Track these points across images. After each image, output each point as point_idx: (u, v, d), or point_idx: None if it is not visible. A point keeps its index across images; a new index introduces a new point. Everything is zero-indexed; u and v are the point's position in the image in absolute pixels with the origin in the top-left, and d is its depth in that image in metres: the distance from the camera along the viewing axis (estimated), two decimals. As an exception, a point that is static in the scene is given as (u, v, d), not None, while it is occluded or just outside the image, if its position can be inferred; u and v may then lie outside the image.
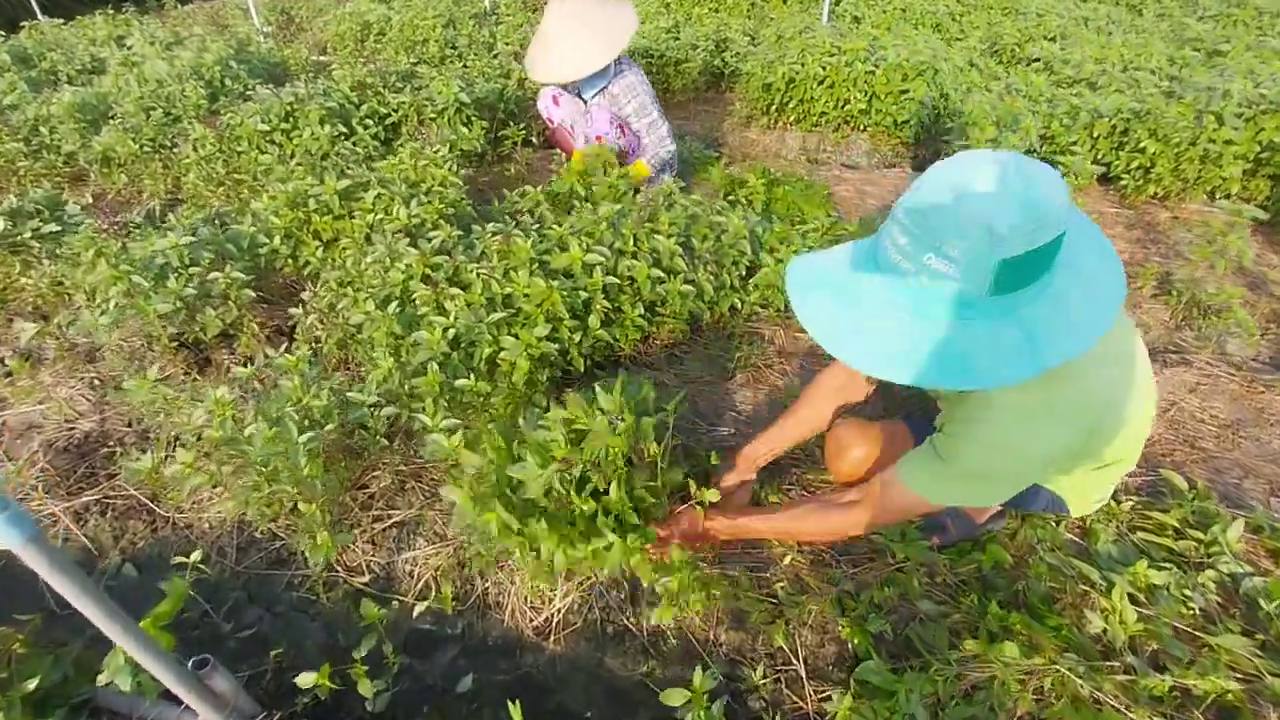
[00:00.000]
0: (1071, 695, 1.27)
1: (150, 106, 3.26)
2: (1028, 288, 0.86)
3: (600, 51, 2.43)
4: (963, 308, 0.86)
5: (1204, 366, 2.15)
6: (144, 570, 1.65)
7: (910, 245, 0.87)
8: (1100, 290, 0.91)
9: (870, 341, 0.91)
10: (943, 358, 0.86)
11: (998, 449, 1.01)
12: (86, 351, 2.21)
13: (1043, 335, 0.86)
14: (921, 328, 0.88)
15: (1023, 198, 0.81)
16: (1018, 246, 0.81)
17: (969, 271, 0.84)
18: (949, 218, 0.83)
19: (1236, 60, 3.74)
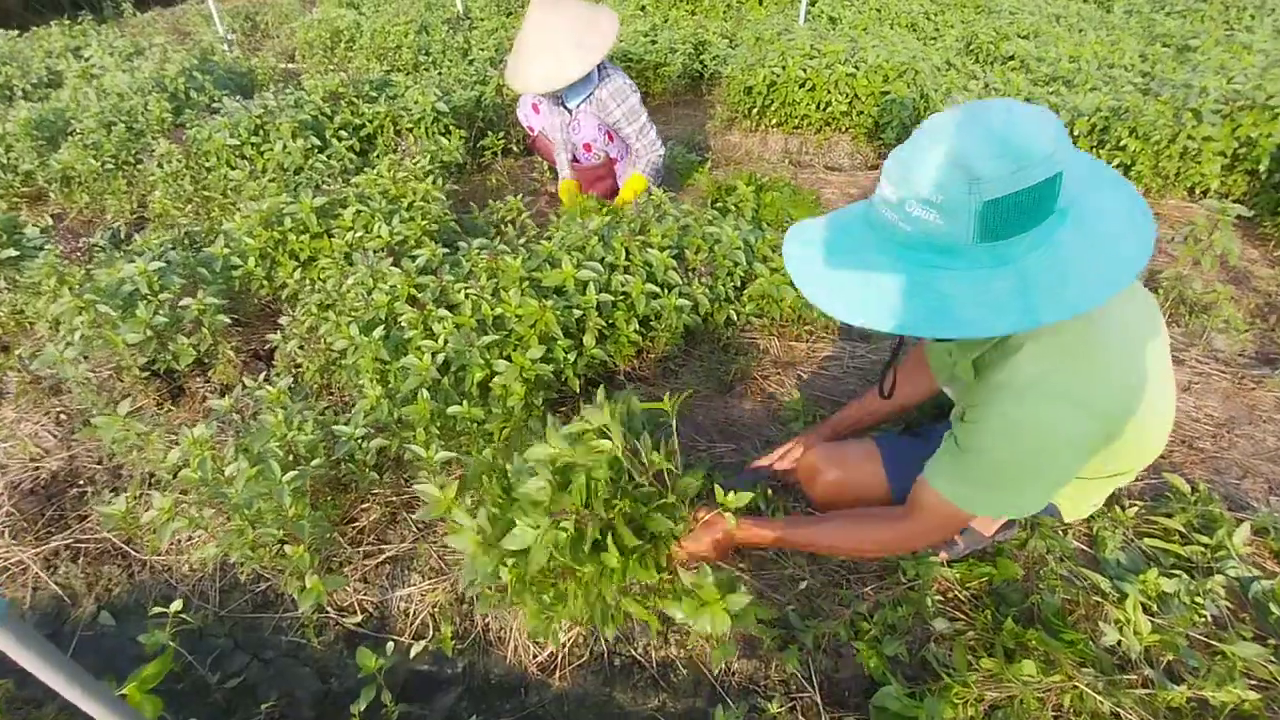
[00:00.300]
0: (1091, 712, 1.25)
1: (111, 121, 3.13)
2: (1023, 234, 0.82)
3: (581, 60, 2.36)
4: (948, 255, 0.84)
5: (1195, 365, 2.16)
6: (121, 618, 1.56)
7: (895, 195, 0.85)
8: (1117, 245, 0.86)
9: (853, 291, 0.90)
10: (927, 306, 0.84)
11: (1022, 431, 0.95)
12: (51, 384, 2.10)
13: (1040, 286, 0.82)
14: (907, 276, 0.87)
15: (1002, 137, 0.78)
16: (1000, 188, 0.78)
17: (951, 216, 0.81)
18: (928, 162, 0.81)
19: (1207, 55, 3.80)
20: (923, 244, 0.85)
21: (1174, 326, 2.35)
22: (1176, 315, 2.37)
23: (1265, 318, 2.38)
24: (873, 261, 0.90)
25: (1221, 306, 2.21)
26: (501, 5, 5.40)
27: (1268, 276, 2.57)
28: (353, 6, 5.59)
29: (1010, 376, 0.93)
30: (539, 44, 2.37)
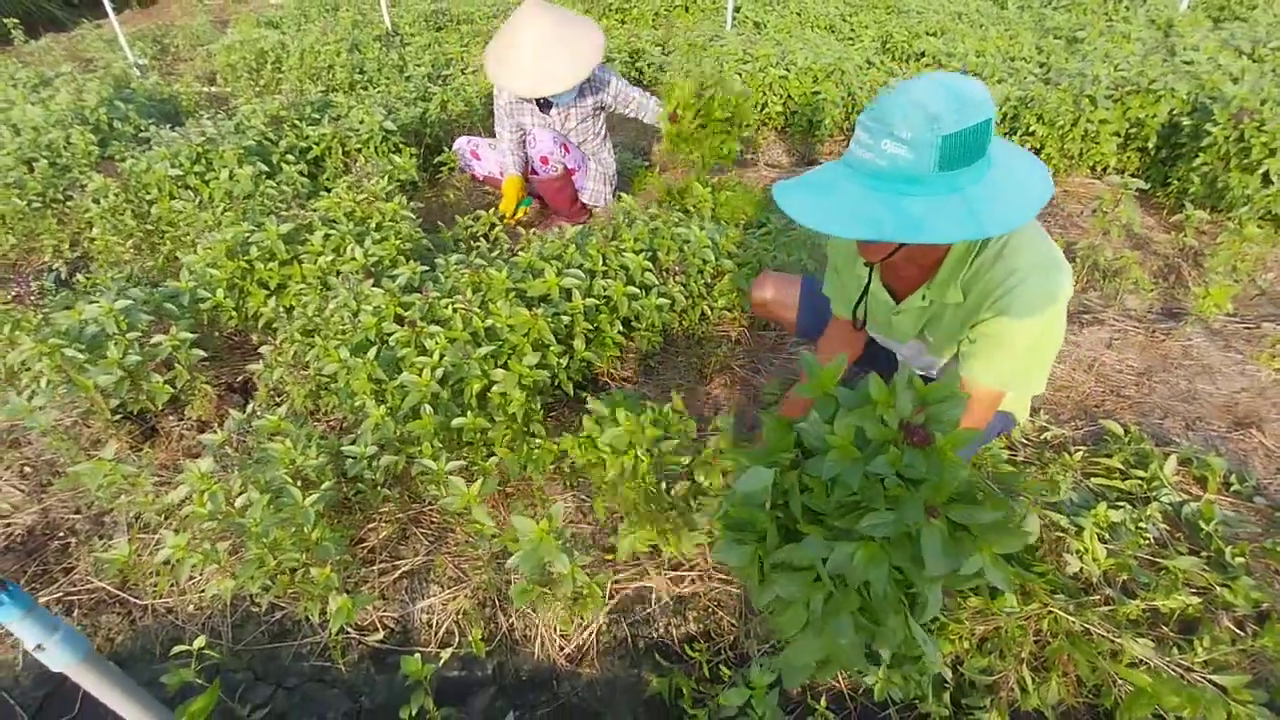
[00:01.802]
0: (1065, 631, 1.42)
1: (32, 157, 2.96)
2: (968, 167, 1.05)
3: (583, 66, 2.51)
4: (915, 183, 1.05)
5: (1113, 323, 2.42)
6: (128, 666, 1.52)
7: (869, 137, 1.06)
8: (1028, 183, 1.11)
9: (841, 213, 1.10)
10: (901, 219, 1.05)
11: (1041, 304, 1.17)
12: (9, 437, 2.00)
13: (983, 209, 1.05)
14: (883, 199, 1.07)
15: (949, 86, 1.02)
16: (952, 124, 1.00)
17: (918, 150, 1.02)
18: (896, 106, 1.03)
19: (1093, 45, 4.21)
20: (894, 175, 1.06)
21: (1091, 291, 2.62)
22: (1092, 281, 2.64)
23: (1165, 277, 2.68)
24: (853, 192, 1.10)
25: (1130, 270, 2.49)
26: (430, 21, 5.36)
27: (1165, 241, 2.90)
28: (273, 26, 5.42)
29: (1010, 268, 1.18)
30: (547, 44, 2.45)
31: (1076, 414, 2.03)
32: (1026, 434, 1.92)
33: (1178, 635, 1.42)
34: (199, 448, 1.92)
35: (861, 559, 0.82)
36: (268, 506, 1.37)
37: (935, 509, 0.80)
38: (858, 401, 0.87)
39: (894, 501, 0.81)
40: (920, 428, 0.82)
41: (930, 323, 1.39)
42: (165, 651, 1.49)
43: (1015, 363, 1.24)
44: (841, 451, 0.82)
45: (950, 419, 0.82)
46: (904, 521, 0.79)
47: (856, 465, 0.81)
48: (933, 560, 0.77)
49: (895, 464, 0.80)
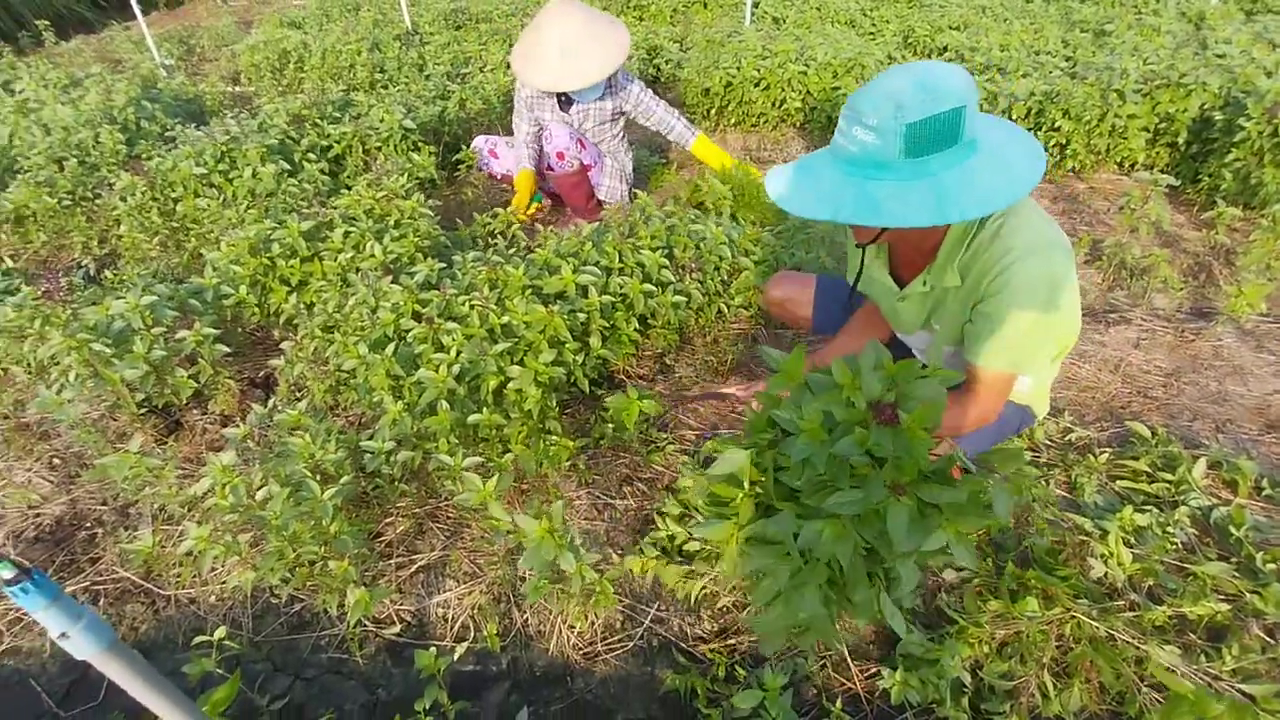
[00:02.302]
0: (1089, 637, 1.39)
1: (62, 156, 3.03)
2: (938, 153, 1.06)
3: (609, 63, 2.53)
4: (883, 169, 1.08)
5: (1140, 322, 2.37)
6: (151, 655, 1.55)
7: (845, 125, 1.11)
8: (1013, 173, 1.11)
9: (809, 195, 1.15)
10: (860, 201, 1.09)
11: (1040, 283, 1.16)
12: (39, 430, 2.05)
13: (952, 195, 1.06)
14: (854, 183, 1.11)
15: (920, 78, 1.04)
16: (918, 113, 1.02)
17: (884, 136, 1.05)
18: (867, 96, 1.07)
19: (1121, 39, 4.11)
20: (864, 160, 1.09)
21: (1117, 289, 2.56)
22: (1119, 279, 2.58)
23: (1196, 276, 2.62)
24: (826, 176, 1.15)
25: (1159, 268, 2.43)
26: (450, 19, 5.39)
27: (1195, 238, 2.82)
28: (295, 26, 5.50)
29: (1005, 248, 1.17)
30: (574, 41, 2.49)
31: (1102, 415, 1.99)
32: (1050, 435, 1.88)
33: (1205, 643, 1.39)
34: (222, 441, 1.95)
35: (829, 535, 0.87)
36: (288, 500, 1.39)
37: (901, 487, 0.83)
38: (825, 386, 0.91)
39: (862, 480, 0.85)
40: (889, 406, 0.84)
41: (935, 311, 1.38)
42: (188, 641, 1.52)
43: (1017, 343, 1.23)
44: (810, 434, 0.86)
45: (921, 397, 0.84)
46: (870, 499, 0.83)
47: (824, 448, 0.85)
48: (899, 536, 0.81)
49: (862, 444, 0.83)
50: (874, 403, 0.85)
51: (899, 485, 0.83)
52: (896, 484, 0.83)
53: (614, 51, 2.56)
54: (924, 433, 0.83)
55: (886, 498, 0.82)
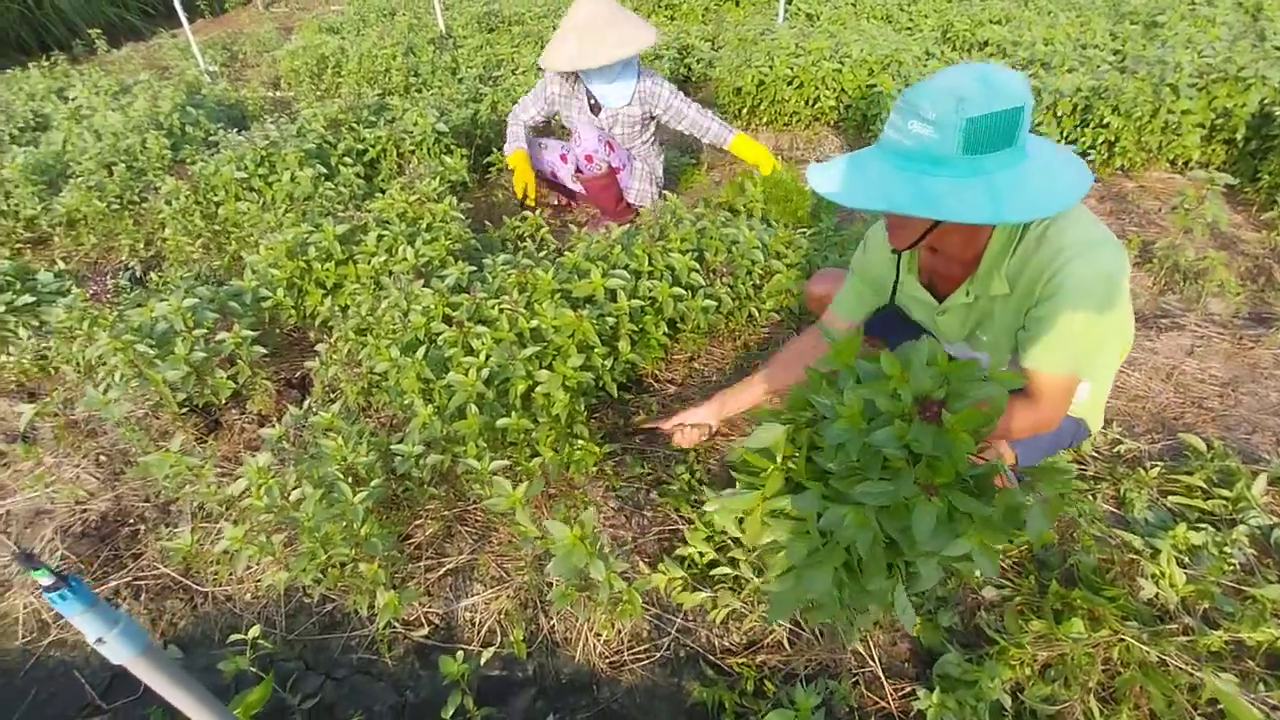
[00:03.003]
0: (1139, 661, 1.33)
1: (111, 161, 3.14)
2: (995, 153, 1.04)
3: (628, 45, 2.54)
4: (939, 164, 1.06)
5: (1195, 329, 2.26)
6: (189, 651, 1.59)
7: (899, 119, 1.08)
8: (1060, 180, 1.10)
9: (860, 187, 1.12)
10: (918, 194, 1.06)
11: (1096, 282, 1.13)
12: (88, 427, 2.12)
13: (1005, 195, 1.05)
14: (907, 177, 1.08)
15: (982, 74, 1.03)
16: (980, 108, 1.01)
17: (943, 131, 1.03)
18: (927, 88, 1.05)
19: (1174, 30, 3.94)
20: (919, 155, 1.07)
21: (1170, 293, 2.45)
22: (1171, 282, 2.47)
23: (1255, 279, 2.49)
24: (875, 169, 1.12)
25: (1215, 271, 2.32)
26: (483, 22, 5.44)
27: (1254, 240, 2.68)
28: (333, 32, 5.61)
29: (1056, 249, 1.15)
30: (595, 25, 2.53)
31: (1153, 427, 1.90)
32: (1097, 447, 1.81)
33: (1264, 670, 1.31)
34: (259, 441, 1.99)
35: (852, 522, 0.86)
36: (320, 501, 1.41)
37: (934, 487, 0.82)
38: (872, 374, 0.89)
39: (894, 474, 0.84)
40: (935, 403, 0.82)
41: (981, 323, 1.33)
42: (224, 638, 1.55)
43: (1076, 344, 1.18)
44: (848, 420, 0.86)
45: (973, 398, 0.82)
46: (898, 494, 0.82)
47: (860, 435, 0.84)
48: (922, 536, 0.80)
49: (900, 437, 0.81)
50: (921, 398, 0.83)
51: (931, 485, 0.82)
52: (929, 484, 0.82)
53: (630, 39, 2.56)
54: (968, 436, 0.80)
55: (916, 495, 0.81)
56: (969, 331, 1.37)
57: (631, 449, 1.90)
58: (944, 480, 0.82)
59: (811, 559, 0.93)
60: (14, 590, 1.70)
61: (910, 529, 0.81)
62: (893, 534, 0.85)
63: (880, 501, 0.83)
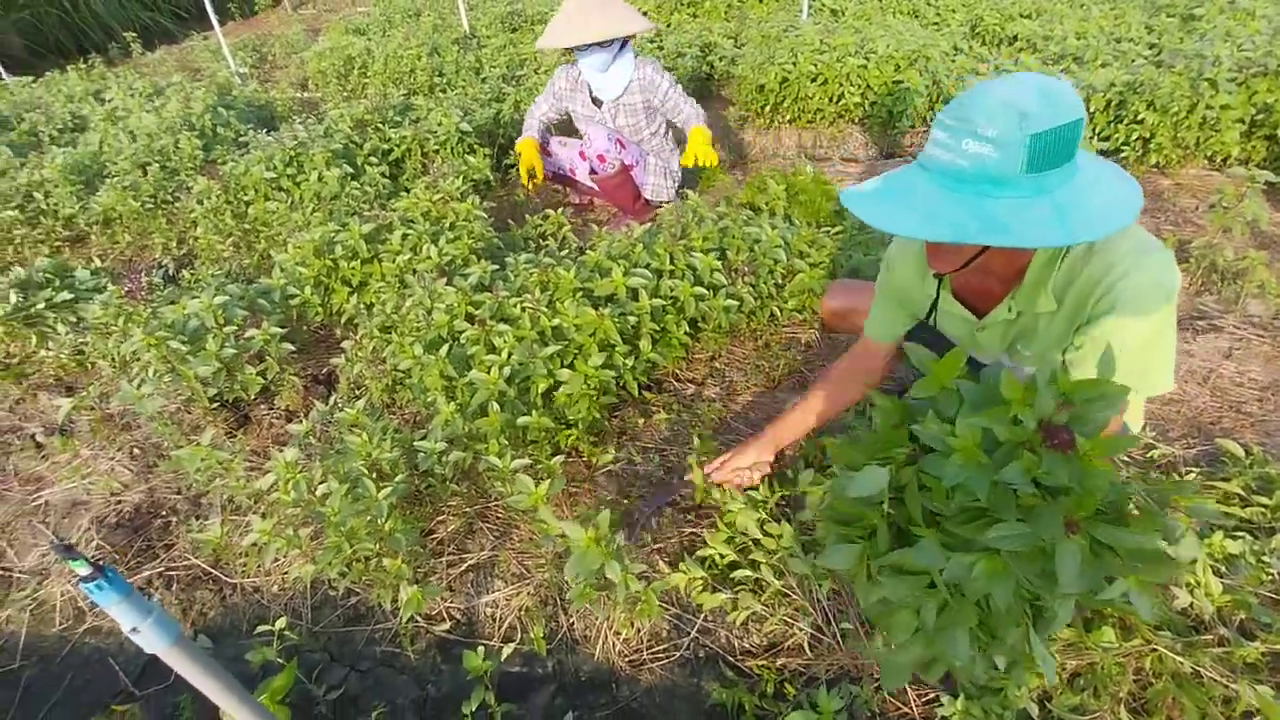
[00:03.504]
0: (1171, 672, 1.29)
1: (146, 162, 3.22)
2: (1057, 169, 0.98)
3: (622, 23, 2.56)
4: (1000, 184, 0.99)
5: (1233, 331, 2.19)
6: (218, 641, 1.63)
7: (950, 137, 1.00)
8: (1117, 192, 1.04)
9: (918, 215, 1.03)
10: (986, 221, 0.98)
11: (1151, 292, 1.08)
12: (122, 421, 2.18)
13: (1071, 213, 0.98)
14: (963, 200, 1.00)
15: (1040, 85, 0.97)
16: (1044, 123, 0.94)
17: (1004, 149, 0.96)
18: (981, 103, 0.97)
19: (1212, 23, 3.82)
20: (977, 176, 1.00)
21: (1207, 294, 2.38)
22: (1209, 283, 2.40)
23: (1298, 280, 2.40)
24: (930, 194, 1.04)
25: (1254, 272, 2.24)
26: (506, 22, 5.47)
27: (1297, 239, 2.60)
28: (359, 33, 5.68)
29: (1108, 263, 1.10)
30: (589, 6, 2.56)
31: (1188, 431, 1.85)
32: (1130, 452, 1.76)
33: (1306, 685, 1.27)
34: (286, 436, 2.03)
35: (983, 571, 0.76)
36: (346, 496, 1.43)
37: (1075, 524, 0.72)
38: (984, 398, 0.79)
39: (1027, 513, 0.74)
40: (1063, 429, 0.73)
41: (1021, 336, 1.29)
42: (251, 629, 1.58)
43: (1132, 362, 1.12)
44: (966, 455, 0.75)
45: (1099, 420, 0.73)
46: (1039, 536, 0.72)
47: (984, 472, 0.74)
48: (1068, 579, 0.71)
49: (1031, 471, 0.72)
50: (1045, 423, 0.74)
51: (1072, 522, 0.73)
52: (1070, 520, 0.73)
53: (616, 22, 2.58)
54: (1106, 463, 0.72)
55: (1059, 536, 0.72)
56: (1009, 344, 1.33)
57: (652, 447, 1.90)
58: (1085, 514, 0.73)
59: (944, 619, 0.82)
60: (52, 579, 1.76)
61: (1048, 571, 0.73)
62: (1031, 580, 0.76)
63: (1019, 546, 0.73)
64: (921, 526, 0.81)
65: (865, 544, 0.86)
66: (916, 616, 0.82)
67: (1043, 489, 0.74)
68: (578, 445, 1.80)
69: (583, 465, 1.84)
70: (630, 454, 1.86)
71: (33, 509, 1.95)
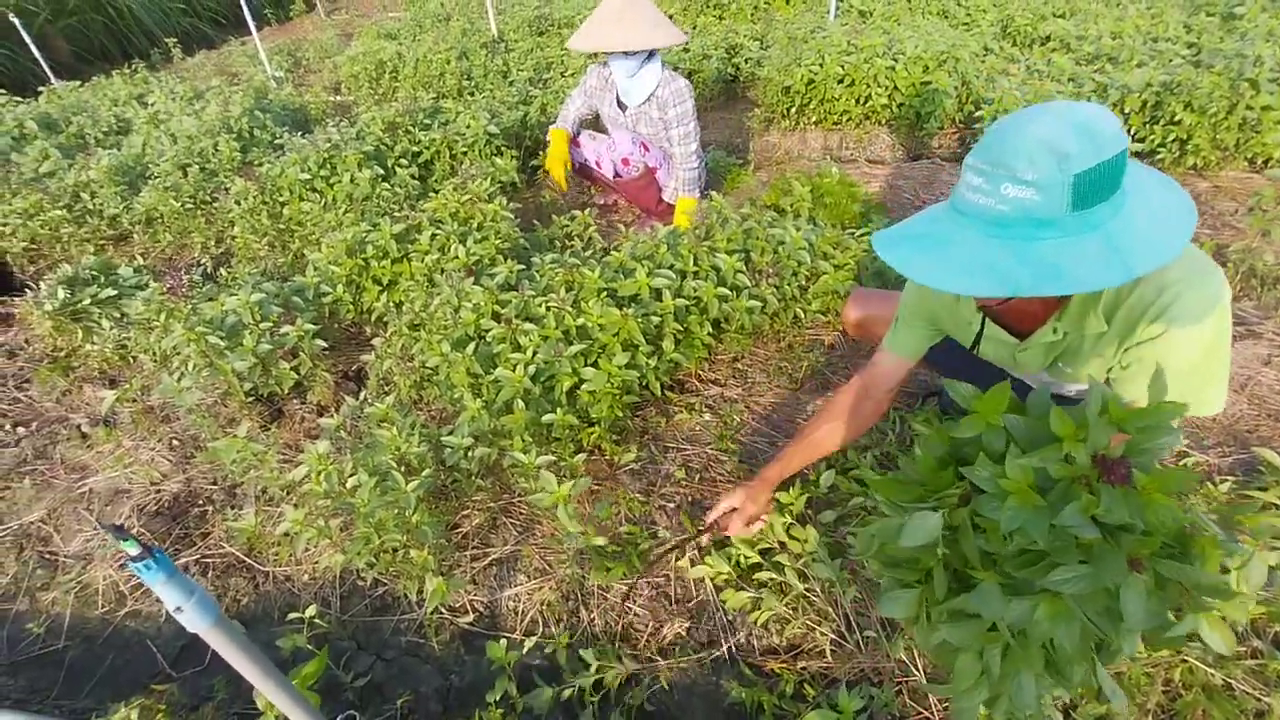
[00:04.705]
0: (1202, 684, 1.27)
1: (186, 163, 3.32)
2: (1104, 202, 0.94)
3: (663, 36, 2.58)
4: (1046, 226, 0.94)
5: (1272, 337, 2.13)
6: (250, 626, 1.68)
7: (986, 183, 0.96)
8: (1170, 209, 1.00)
9: (964, 268, 0.98)
10: (1035, 269, 0.93)
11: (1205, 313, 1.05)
12: (162, 413, 2.26)
13: (1126, 246, 0.94)
14: (1009, 246, 0.95)
15: (1075, 121, 0.92)
16: (1087, 161, 0.90)
17: (1047, 191, 0.92)
18: (1018, 147, 0.92)
19: (1254, 22, 3.72)
20: (1020, 220, 0.95)
21: (1246, 299, 2.32)
22: (1248, 288, 2.34)
23: (1342, 286, 2.33)
24: (972, 241, 0.99)
25: (1298, 277, 2.18)
26: (533, 26, 5.54)
27: (1342, 244, 2.51)
28: (391, 37, 5.80)
29: (1160, 285, 1.06)
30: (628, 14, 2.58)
31: (1224, 439, 1.81)
32: (1162, 461, 1.72)
33: (1344, 701, 1.24)
34: (318, 430, 2.09)
35: (1046, 614, 0.74)
36: (375, 489, 1.47)
37: (1139, 562, 0.70)
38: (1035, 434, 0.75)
39: (1088, 553, 0.72)
40: (1119, 462, 0.71)
41: (1065, 355, 1.26)
42: (282, 616, 1.63)
43: (1182, 383, 1.10)
44: (1020, 498, 0.72)
45: (1157, 451, 0.71)
46: (1104, 578, 0.70)
47: (1041, 515, 0.71)
48: (1134, 618, 0.69)
49: (1089, 510, 0.70)
50: (1099, 457, 0.72)
51: (1136, 560, 0.70)
52: (1134, 559, 0.70)
53: (642, 31, 2.59)
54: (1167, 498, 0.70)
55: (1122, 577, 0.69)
56: (1050, 362, 1.30)
57: (673, 447, 1.92)
58: (1149, 551, 0.71)
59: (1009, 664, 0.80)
60: (95, 563, 1.83)
61: (1112, 609, 0.71)
62: (1095, 619, 0.74)
63: (1082, 589, 0.71)
64: (979, 569, 0.79)
65: (922, 588, 0.83)
66: (980, 658, 0.80)
67: (1103, 526, 0.71)
68: (600, 443, 1.82)
69: (605, 463, 1.86)
70: (652, 453, 1.88)
71: (78, 496, 2.03)
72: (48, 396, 2.44)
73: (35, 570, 1.83)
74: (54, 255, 3.25)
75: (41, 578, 1.82)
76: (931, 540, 0.79)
